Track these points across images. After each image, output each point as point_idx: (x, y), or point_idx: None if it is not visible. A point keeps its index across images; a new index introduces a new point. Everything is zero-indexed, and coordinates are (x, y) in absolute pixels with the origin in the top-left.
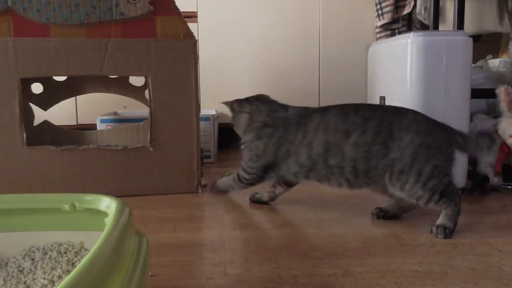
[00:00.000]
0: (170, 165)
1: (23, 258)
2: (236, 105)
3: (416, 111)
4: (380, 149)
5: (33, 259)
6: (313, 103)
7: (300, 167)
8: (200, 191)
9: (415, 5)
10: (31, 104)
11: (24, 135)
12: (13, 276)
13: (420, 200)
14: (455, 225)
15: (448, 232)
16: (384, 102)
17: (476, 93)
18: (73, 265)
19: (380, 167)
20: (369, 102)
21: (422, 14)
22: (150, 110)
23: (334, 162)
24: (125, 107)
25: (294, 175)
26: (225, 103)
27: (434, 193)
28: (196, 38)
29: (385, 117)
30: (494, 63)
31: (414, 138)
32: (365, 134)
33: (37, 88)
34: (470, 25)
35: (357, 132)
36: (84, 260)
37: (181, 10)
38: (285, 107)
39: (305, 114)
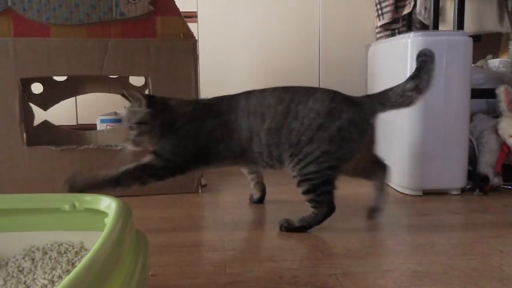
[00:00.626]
0: None
1: (23, 258)
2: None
3: (326, 90)
4: (287, 133)
5: (33, 259)
6: None
7: (230, 152)
8: (200, 191)
9: (415, 5)
10: (31, 104)
11: (24, 135)
12: (13, 276)
13: (294, 179)
14: (301, 228)
15: (285, 226)
16: None
17: (476, 93)
18: (73, 265)
19: (287, 150)
20: None
21: (422, 14)
22: None
23: (257, 148)
24: (125, 107)
25: (222, 162)
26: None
27: (307, 181)
28: (196, 38)
29: (294, 98)
30: (494, 63)
31: (312, 121)
32: (276, 119)
33: (37, 88)
34: (470, 25)
35: (270, 117)
36: (84, 260)
37: (181, 10)
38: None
39: (232, 98)
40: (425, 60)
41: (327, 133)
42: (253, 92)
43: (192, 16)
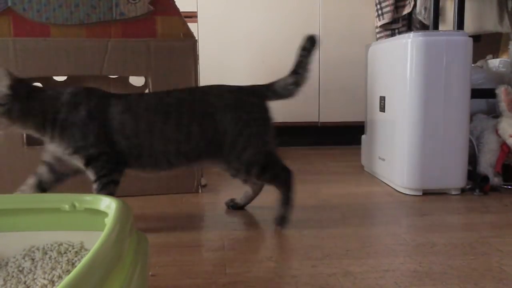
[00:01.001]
0: None
1: (23, 258)
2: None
3: (219, 85)
4: (197, 129)
5: (33, 259)
6: (313, 103)
7: (130, 147)
8: (200, 191)
9: (415, 5)
10: None
11: (24, 135)
12: (13, 276)
13: (240, 173)
14: (289, 210)
15: (283, 224)
16: (384, 102)
17: (476, 93)
18: (73, 265)
19: (200, 146)
20: (369, 102)
21: (422, 14)
22: None
23: (159, 146)
24: None
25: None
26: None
27: (252, 164)
28: (196, 38)
29: (194, 96)
30: (494, 63)
31: (223, 114)
32: (182, 117)
33: None
34: (470, 25)
35: (175, 115)
36: (84, 260)
37: (181, 10)
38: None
39: (121, 95)
40: (304, 55)
41: (241, 121)
42: (146, 94)
43: (192, 16)
